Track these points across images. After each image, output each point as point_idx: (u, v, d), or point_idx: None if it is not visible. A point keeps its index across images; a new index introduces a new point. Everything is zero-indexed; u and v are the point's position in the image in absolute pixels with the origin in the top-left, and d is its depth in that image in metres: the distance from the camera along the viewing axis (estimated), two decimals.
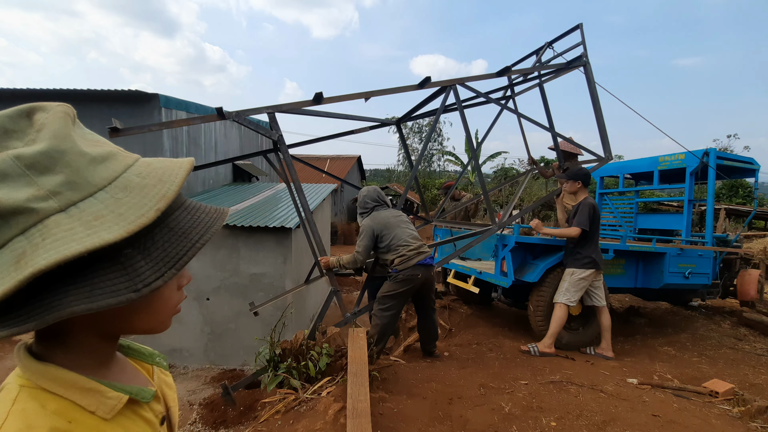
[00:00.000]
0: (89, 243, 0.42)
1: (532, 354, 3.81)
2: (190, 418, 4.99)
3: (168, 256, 0.49)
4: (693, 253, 4.88)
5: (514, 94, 4.59)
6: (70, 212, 0.44)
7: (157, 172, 0.51)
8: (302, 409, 2.59)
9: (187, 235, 0.51)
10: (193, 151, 8.24)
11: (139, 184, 0.49)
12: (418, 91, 3.57)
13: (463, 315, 5.43)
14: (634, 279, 4.82)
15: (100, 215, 0.45)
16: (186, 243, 0.50)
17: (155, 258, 0.48)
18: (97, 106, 7.36)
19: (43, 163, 0.44)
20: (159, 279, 0.47)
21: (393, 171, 30.42)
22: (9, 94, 7.45)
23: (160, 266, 0.48)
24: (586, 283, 3.84)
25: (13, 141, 0.45)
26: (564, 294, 3.83)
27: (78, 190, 0.45)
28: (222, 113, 2.95)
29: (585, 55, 4.17)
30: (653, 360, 4.26)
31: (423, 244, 3.46)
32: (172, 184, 0.50)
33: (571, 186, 3.97)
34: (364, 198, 3.59)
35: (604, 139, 4.13)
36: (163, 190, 0.49)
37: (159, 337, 6.39)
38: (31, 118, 0.47)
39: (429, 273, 3.45)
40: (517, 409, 2.68)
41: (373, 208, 3.55)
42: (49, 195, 0.44)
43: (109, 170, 0.48)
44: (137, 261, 0.47)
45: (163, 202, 0.48)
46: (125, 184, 0.48)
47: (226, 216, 0.57)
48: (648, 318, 5.85)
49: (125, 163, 0.51)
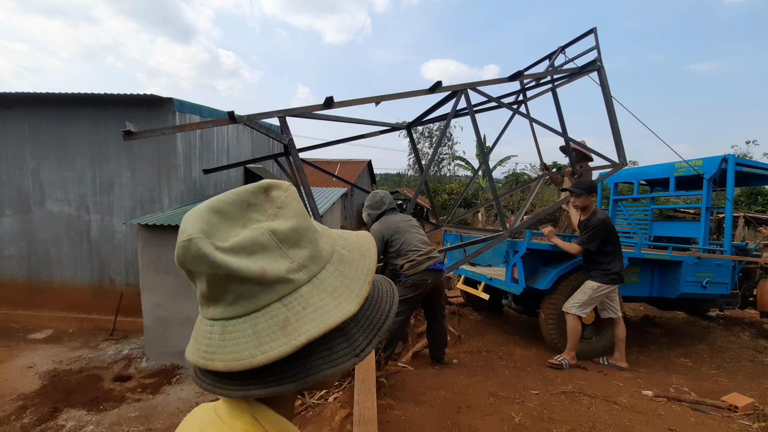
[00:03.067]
0: (341, 314, 0.48)
1: (564, 368, 3.69)
2: None
3: (371, 324, 0.54)
4: (711, 262, 4.75)
5: (526, 99, 4.54)
6: (315, 283, 0.50)
7: (354, 246, 0.58)
8: (309, 415, 2.57)
9: (379, 305, 0.56)
10: (205, 154, 8.34)
11: (349, 258, 0.55)
12: (429, 96, 3.54)
13: (472, 322, 5.36)
14: (649, 288, 4.71)
15: (335, 287, 0.51)
16: (381, 313, 0.55)
17: (363, 326, 0.53)
18: (112, 110, 7.51)
19: (293, 238, 0.50)
20: (369, 345, 0.52)
21: (403, 175, 30.43)
22: (30, 99, 7.65)
23: (367, 333, 0.53)
24: (603, 296, 3.76)
25: (255, 214, 0.51)
26: (581, 306, 3.72)
27: (318, 264, 0.51)
28: (233, 117, 2.97)
29: (599, 60, 4.11)
30: (669, 372, 4.15)
31: (433, 249, 3.43)
32: (371, 258, 0.57)
33: (583, 201, 3.77)
34: (373, 202, 3.57)
35: (618, 145, 4.05)
36: (367, 264, 0.55)
37: (170, 339, 6.46)
38: (269, 194, 0.53)
39: (439, 278, 3.41)
40: (527, 420, 2.62)
41: (383, 213, 3.52)
42: (300, 267, 0.50)
43: (328, 244, 0.55)
44: (353, 329, 0.52)
45: (370, 275, 0.54)
46: (340, 257, 0.55)
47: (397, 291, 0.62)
48: (664, 328, 5.70)
49: (330, 235, 0.58)
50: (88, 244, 7.92)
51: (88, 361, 6.59)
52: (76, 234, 7.91)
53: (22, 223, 8.02)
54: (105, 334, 7.67)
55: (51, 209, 7.92)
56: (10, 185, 7.96)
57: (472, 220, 16.48)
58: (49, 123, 7.74)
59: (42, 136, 7.79)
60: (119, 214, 7.76)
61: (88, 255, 7.94)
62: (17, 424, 4.93)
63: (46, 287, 8.10)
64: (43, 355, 6.81)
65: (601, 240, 3.66)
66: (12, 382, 5.92)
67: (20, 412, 5.18)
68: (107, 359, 6.67)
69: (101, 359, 6.67)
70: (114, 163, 7.66)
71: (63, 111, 7.66)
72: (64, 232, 7.94)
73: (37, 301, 8.11)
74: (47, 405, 5.30)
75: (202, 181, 8.32)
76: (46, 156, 7.82)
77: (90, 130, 7.63)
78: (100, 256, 7.92)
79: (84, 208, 7.83)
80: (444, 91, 3.51)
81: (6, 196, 7.99)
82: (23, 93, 7.55)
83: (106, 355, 6.81)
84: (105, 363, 6.54)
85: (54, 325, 7.99)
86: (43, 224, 7.97)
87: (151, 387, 5.80)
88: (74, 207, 7.86)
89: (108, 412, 5.18)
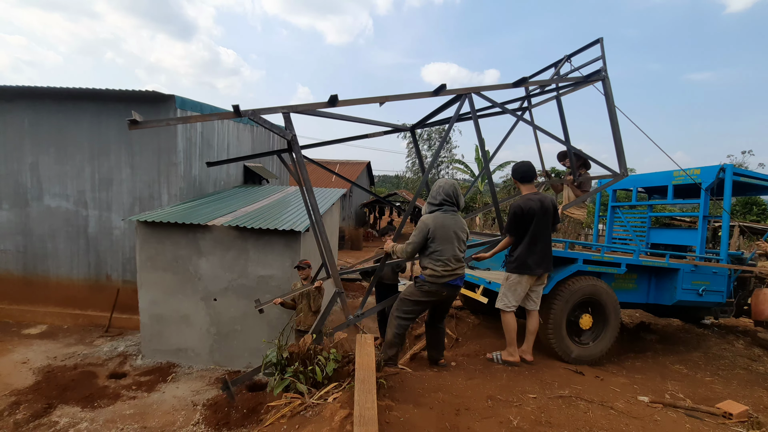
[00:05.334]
0: None
1: (495, 362, 3.76)
2: (194, 418, 4.99)
3: None
4: (707, 270, 4.80)
5: (530, 106, 4.58)
6: None
7: None
8: (308, 414, 2.57)
9: None
10: (206, 151, 8.32)
11: None
12: (429, 99, 3.55)
13: (470, 325, 5.38)
14: (645, 294, 4.74)
15: None
16: None
17: None
18: (114, 106, 7.49)
19: None
20: None
21: (401, 177, 30.46)
22: (29, 92, 7.61)
23: None
24: (521, 287, 3.62)
25: None
26: (501, 299, 3.69)
27: None
28: (239, 111, 2.98)
29: (604, 70, 4.14)
30: (665, 378, 4.18)
31: (462, 267, 3.35)
32: None
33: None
34: (439, 190, 3.35)
35: (620, 155, 4.08)
36: None
37: (167, 336, 6.43)
38: None
39: (454, 292, 3.41)
40: (525, 424, 2.63)
41: (442, 206, 3.32)
42: None
43: None
44: None
45: None
46: None
47: None
48: (659, 335, 5.75)
49: None
50: (86, 240, 7.88)
51: (83, 358, 6.55)
52: (73, 229, 7.88)
53: (19, 217, 7.98)
54: (100, 330, 7.62)
55: (49, 204, 7.88)
56: (8, 179, 7.91)
57: (470, 224, 16.51)
58: (49, 117, 7.71)
59: (41, 131, 7.75)
60: (118, 210, 7.73)
61: (85, 251, 7.90)
62: (10, 420, 4.89)
63: (41, 282, 8.05)
64: (38, 351, 6.76)
65: (513, 226, 3.59)
66: (5, 378, 5.87)
67: (13, 407, 5.14)
68: (102, 356, 6.63)
69: (96, 356, 6.63)
70: (114, 158, 7.63)
71: (63, 105, 7.63)
72: (62, 227, 7.90)
73: (33, 296, 8.05)
74: (41, 401, 5.25)
75: (202, 178, 8.31)
76: (45, 150, 7.79)
77: (90, 125, 7.60)
78: (98, 252, 7.88)
79: (82, 204, 7.80)
80: (448, 94, 3.54)
81: (3, 190, 7.94)
82: (24, 87, 7.52)
83: (101, 352, 6.77)
84: (100, 360, 6.50)
85: (49, 321, 7.94)
86: (40, 219, 7.93)
87: (147, 385, 5.76)
88: (72, 202, 7.82)
89: (102, 409, 5.15)
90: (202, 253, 6.28)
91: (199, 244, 6.26)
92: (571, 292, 4.02)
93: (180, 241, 6.26)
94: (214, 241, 6.25)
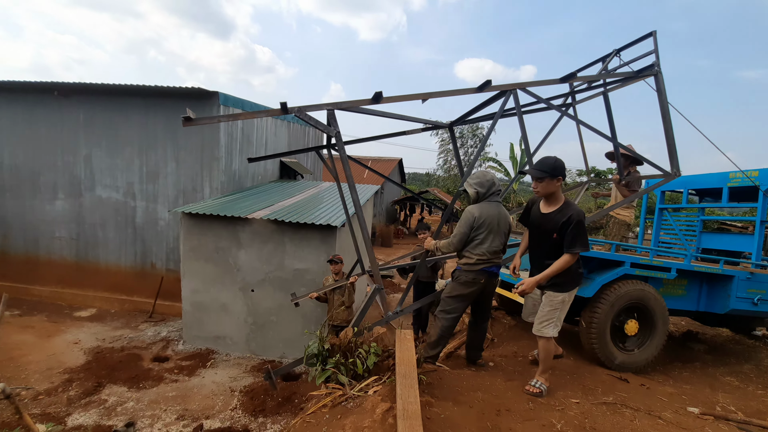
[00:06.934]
0: None
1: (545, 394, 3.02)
2: (231, 403, 5.17)
3: None
4: (764, 279, 4.50)
5: (575, 102, 4.43)
6: None
7: None
8: (349, 405, 2.61)
9: None
10: (245, 147, 8.57)
11: None
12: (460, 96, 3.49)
13: (506, 326, 5.30)
14: (695, 302, 4.51)
15: None
16: None
17: None
18: (161, 102, 7.83)
19: None
20: None
21: (432, 175, 30.20)
22: (84, 89, 8.07)
23: None
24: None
25: None
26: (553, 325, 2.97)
27: None
28: (286, 108, 3.05)
29: (657, 65, 3.95)
30: (715, 390, 3.98)
31: (499, 258, 3.32)
32: None
33: (545, 186, 2.85)
34: (483, 180, 3.27)
35: (672, 154, 3.88)
36: None
37: (206, 324, 6.69)
38: None
39: (492, 281, 3.36)
40: (569, 428, 2.57)
41: (488, 195, 3.26)
42: None
43: None
44: None
45: None
46: None
47: None
48: (708, 345, 5.46)
49: None
50: (133, 229, 8.30)
51: (129, 341, 6.92)
52: (122, 219, 8.31)
53: (73, 207, 8.50)
54: (144, 315, 8.02)
55: (100, 194, 8.35)
56: (64, 170, 8.44)
57: None
58: (102, 112, 8.15)
59: (95, 125, 8.21)
60: (163, 201, 8.09)
61: (132, 240, 8.33)
62: (64, 395, 5.23)
63: (92, 268, 8.55)
64: (88, 333, 7.19)
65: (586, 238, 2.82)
66: (59, 356, 6.28)
67: (66, 384, 5.50)
68: (147, 340, 6.98)
69: (141, 339, 6.99)
70: (160, 152, 7.99)
71: (115, 101, 8.05)
72: (112, 217, 8.35)
73: (84, 281, 8.57)
74: (91, 380, 5.59)
75: (241, 172, 8.56)
76: (98, 144, 8.25)
77: (139, 120, 7.99)
78: (144, 242, 8.29)
79: (131, 195, 8.22)
80: (492, 90, 3.48)
81: (60, 181, 8.48)
82: (79, 83, 7.98)
83: (145, 336, 7.13)
84: (144, 343, 6.85)
85: (98, 305, 8.43)
86: (92, 208, 8.42)
87: (187, 369, 6.02)
88: (122, 193, 8.25)
89: (147, 390, 5.42)
90: (242, 245, 6.47)
91: (239, 236, 6.46)
92: (616, 296, 3.88)
93: (221, 232, 6.48)
94: (252, 234, 6.43)
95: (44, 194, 8.58)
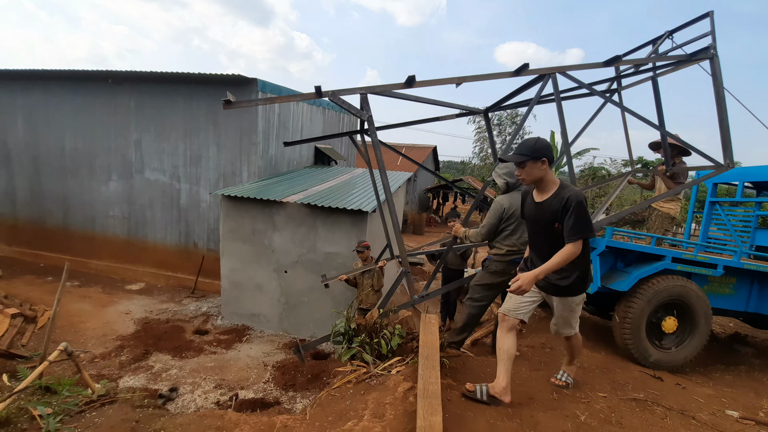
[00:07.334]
0: None
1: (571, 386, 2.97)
2: (264, 377, 5.43)
3: None
4: None
5: (620, 88, 4.20)
6: None
7: None
8: (373, 383, 2.69)
9: None
10: (282, 132, 8.79)
11: None
12: (501, 81, 3.39)
13: (535, 317, 5.21)
14: (745, 302, 4.23)
15: None
16: None
17: None
18: (204, 88, 8.15)
19: None
20: None
21: (467, 163, 29.59)
22: (135, 76, 8.54)
23: None
24: None
25: None
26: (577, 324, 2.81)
27: None
28: (320, 92, 3.11)
29: (713, 48, 3.66)
30: (760, 395, 3.74)
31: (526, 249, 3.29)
32: None
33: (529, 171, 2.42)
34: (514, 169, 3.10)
35: (726, 144, 3.61)
36: None
37: (243, 302, 7.01)
38: None
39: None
40: (593, 421, 2.52)
41: (519, 185, 3.20)
42: None
43: None
44: None
45: None
46: None
47: None
48: (757, 348, 5.12)
49: None
50: (178, 211, 8.78)
51: (173, 314, 7.39)
52: (168, 200, 8.81)
53: (125, 188, 9.09)
54: (187, 291, 8.52)
55: (149, 177, 8.87)
56: (117, 154, 9.02)
57: None
58: (151, 99, 8.60)
59: (145, 111, 8.69)
60: (205, 184, 8.49)
61: (177, 220, 8.82)
62: (116, 360, 5.70)
63: (141, 245, 9.15)
64: (137, 304, 7.75)
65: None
66: (112, 325, 6.82)
67: (119, 350, 5.98)
68: (189, 314, 7.43)
69: (184, 313, 7.44)
70: (203, 137, 8.35)
71: (162, 88, 8.46)
72: (158, 198, 8.87)
73: (133, 257, 9.20)
74: (140, 347, 6.05)
75: (277, 157, 8.81)
76: (147, 129, 8.73)
77: (184, 106, 8.37)
78: (187, 222, 8.76)
79: (176, 178, 8.67)
80: (530, 74, 3.37)
81: (113, 163, 9.07)
82: (130, 71, 8.45)
83: (187, 310, 7.58)
84: (187, 317, 7.29)
85: (146, 280, 9.03)
86: (141, 190, 8.97)
87: (225, 343, 6.37)
88: (168, 176, 8.73)
89: (189, 359, 5.79)
90: (276, 227, 6.70)
91: (274, 219, 6.69)
92: (654, 292, 3.71)
93: (257, 215, 6.73)
94: (287, 217, 6.64)
95: (100, 176, 9.22)
